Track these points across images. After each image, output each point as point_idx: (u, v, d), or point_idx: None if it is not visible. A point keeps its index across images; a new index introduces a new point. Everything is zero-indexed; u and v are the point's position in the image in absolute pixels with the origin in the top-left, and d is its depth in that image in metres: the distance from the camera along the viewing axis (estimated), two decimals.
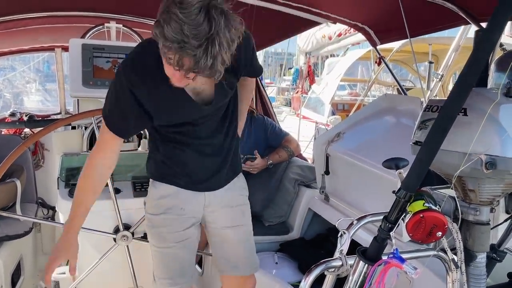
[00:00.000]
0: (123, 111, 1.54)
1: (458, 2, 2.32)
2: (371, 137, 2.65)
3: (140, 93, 1.49)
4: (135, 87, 1.48)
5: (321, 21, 3.10)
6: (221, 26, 1.18)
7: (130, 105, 1.51)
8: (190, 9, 1.14)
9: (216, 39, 1.17)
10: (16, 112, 3.71)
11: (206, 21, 1.15)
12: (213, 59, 1.19)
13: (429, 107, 1.34)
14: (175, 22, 1.15)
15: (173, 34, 1.15)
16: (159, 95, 1.50)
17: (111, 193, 2.03)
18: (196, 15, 1.14)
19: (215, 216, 1.85)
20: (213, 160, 1.75)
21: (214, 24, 1.16)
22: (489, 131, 1.12)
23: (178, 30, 1.15)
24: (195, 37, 1.15)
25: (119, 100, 1.53)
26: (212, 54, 1.18)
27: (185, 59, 1.19)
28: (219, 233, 1.89)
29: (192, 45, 1.15)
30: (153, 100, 1.52)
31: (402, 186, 1.05)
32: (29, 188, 3.08)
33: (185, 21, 1.14)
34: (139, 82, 1.48)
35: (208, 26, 1.15)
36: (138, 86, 1.48)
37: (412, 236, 1.06)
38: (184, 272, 1.83)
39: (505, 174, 1.15)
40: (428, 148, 1.03)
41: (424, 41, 8.06)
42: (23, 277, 2.90)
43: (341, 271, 1.23)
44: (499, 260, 1.45)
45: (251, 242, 1.94)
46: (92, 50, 2.27)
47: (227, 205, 1.84)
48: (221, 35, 1.18)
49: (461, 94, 0.99)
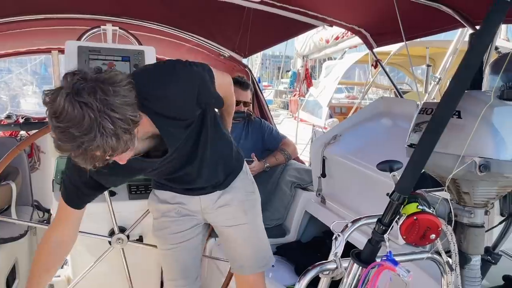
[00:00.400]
0: (76, 187, 1.53)
1: (454, 6, 2.32)
2: (368, 140, 2.66)
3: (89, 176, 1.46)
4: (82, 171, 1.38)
5: (318, 24, 3.10)
6: (99, 102, 1.10)
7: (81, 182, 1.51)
8: (64, 112, 1.09)
9: (104, 118, 1.11)
10: (12, 115, 3.68)
11: (82, 111, 1.09)
12: (114, 135, 1.13)
13: (424, 110, 1.34)
14: (62, 133, 1.11)
15: (69, 143, 1.11)
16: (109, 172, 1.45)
17: (106, 195, 2.02)
18: (72, 113, 1.08)
19: (213, 216, 1.87)
20: (204, 174, 1.72)
21: (91, 108, 1.09)
22: (482, 133, 1.13)
23: (69, 137, 1.10)
24: (86, 131, 1.09)
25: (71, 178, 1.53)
26: (110, 133, 1.12)
27: (94, 153, 1.14)
28: (223, 232, 1.92)
29: (88, 139, 1.10)
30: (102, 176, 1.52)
31: (396, 189, 1.05)
32: (24, 190, 3.07)
33: (68, 125, 1.09)
34: None
35: (87, 113, 1.09)
36: None
37: (405, 238, 1.06)
38: (186, 274, 1.87)
39: (499, 176, 1.15)
40: (421, 150, 1.03)
41: (422, 44, 8.08)
42: (18, 280, 2.88)
43: (336, 274, 1.23)
44: (493, 263, 1.45)
45: (259, 240, 1.91)
46: (88, 53, 2.26)
47: (225, 205, 1.84)
48: (105, 110, 1.11)
49: (454, 97, 0.99)
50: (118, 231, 2.08)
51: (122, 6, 2.98)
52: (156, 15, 3.25)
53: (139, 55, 2.34)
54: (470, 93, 1.30)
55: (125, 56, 2.31)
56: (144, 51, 2.36)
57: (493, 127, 1.11)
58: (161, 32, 3.47)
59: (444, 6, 2.33)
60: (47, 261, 1.58)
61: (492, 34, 0.96)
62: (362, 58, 9.44)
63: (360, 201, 2.41)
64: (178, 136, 1.52)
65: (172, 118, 1.43)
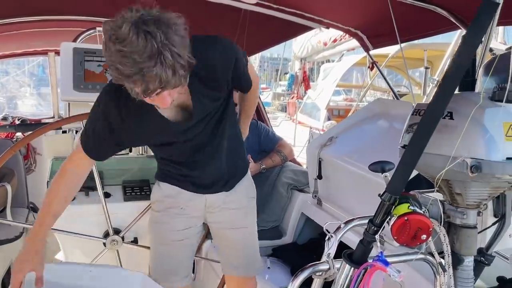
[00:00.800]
0: (98, 136, 1.55)
1: (449, 7, 2.33)
2: (364, 141, 2.66)
3: (118, 120, 1.51)
4: (111, 115, 1.50)
5: (314, 26, 3.11)
6: (163, 35, 1.17)
7: (104, 132, 1.53)
8: (128, 38, 1.15)
9: (165, 49, 1.17)
10: (8, 116, 3.70)
11: (147, 40, 1.15)
12: (172, 66, 1.20)
13: (417, 111, 1.34)
14: (125, 57, 1.16)
15: (130, 68, 1.17)
16: (134, 124, 1.52)
17: (100, 197, 2.02)
18: (136, 40, 1.15)
19: (216, 216, 1.88)
20: (214, 167, 1.75)
21: (155, 38, 1.16)
22: (474, 134, 1.13)
23: (131, 62, 1.16)
24: (147, 58, 1.16)
25: (96, 124, 1.55)
26: (168, 63, 1.18)
27: (150, 82, 1.20)
28: (220, 233, 1.92)
29: (148, 67, 1.17)
30: (127, 129, 1.54)
31: (387, 189, 1.05)
32: (20, 192, 3.06)
33: (132, 50, 1.15)
34: (116, 110, 1.50)
35: (151, 42, 1.15)
36: (115, 114, 1.50)
37: (397, 239, 1.06)
38: (177, 271, 1.85)
39: (491, 177, 1.15)
40: (412, 151, 1.03)
41: (420, 47, 8.11)
42: None
43: (328, 275, 1.23)
44: (487, 264, 1.44)
45: (254, 245, 1.95)
46: (83, 54, 2.26)
47: (229, 207, 1.86)
48: (167, 43, 1.18)
49: (444, 97, 0.99)
50: (113, 232, 2.07)
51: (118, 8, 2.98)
52: None
53: None
54: (462, 94, 1.30)
55: None
56: None
57: (484, 127, 1.11)
58: None
59: (439, 8, 2.34)
60: (67, 187, 1.59)
61: (481, 35, 0.97)
62: (360, 60, 9.47)
63: (356, 203, 2.41)
64: (205, 106, 1.58)
65: (205, 84, 1.51)
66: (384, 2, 2.33)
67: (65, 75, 2.23)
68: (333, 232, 1.25)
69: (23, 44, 3.81)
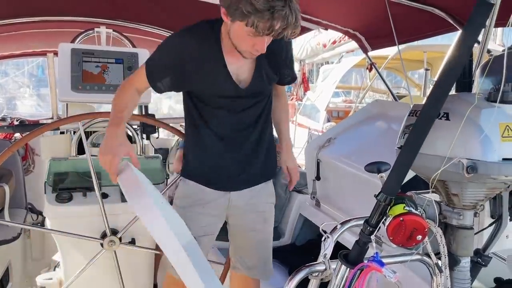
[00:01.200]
0: (165, 65, 1.64)
1: (446, 9, 2.34)
2: (362, 143, 2.66)
3: (189, 58, 1.61)
4: (185, 51, 1.61)
5: (313, 27, 3.11)
6: None
7: (174, 64, 1.63)
8: None
9: (294, 4, 1.39)
10: (7, 117, 3.69)
11: None
12: (295, 13, 1.39)
13: (413, 112, 1.34)
14: None
15: (263, 4, 1.35)
16: (204, 65, 1.63)
17: (98, 197, 2.01)
18: None
19: (237, 219, 1.90)
20: (243, 153, 1.80)
21: None
22: (470, 135, 1.13)
23: None
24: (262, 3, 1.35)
25: (167, 54, 1.64)
26: (294, 9, 1.38)
27: (276, 21, 1.38)
28: (238, 235, 1.94)
29: (279, 6, 1.35)
30: (197, 68, 1.63)
31: (383, 190, 1.05)
32: (18, 193, 3.06)
33: None
34: (191, 48, 1.61)
35: None
36: (189, 51, 1.61)
37: (392, 239, 1.06)
38: None
39: (486, 178, 1.15)
40: (407, 151, 1.03)
41: (419, 48, 8.12)
42: (11, 283, 2.86)
43: (325, 275, 1.23)
44: (484, 265, 1.44)
45: (269, 250, 1.99)
46: (81, 55, 2.26)
47: (250, 210, 1.88)
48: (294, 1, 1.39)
49: (439, 98, 0.99)
50: (110, 233, 2.06)
51: (116, 9, 2.99)
52: (150, 18, 3.25)
53: (132, 57, 2.34)
54: (458, 95, 1.30)
55: (119, 58, 2.31)
56: (137, 54, 2.36)
57: (480, 128, 1.11)
58: (155, 34, 3.48)
59: (437, 9, 2.34)
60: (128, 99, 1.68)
61: (476, 35, 0.97)
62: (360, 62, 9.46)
63: (354, 204, 2.41)
64: (262, 82, 1.72)
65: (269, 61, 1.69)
66: (382, 3, 2.34)
67: (63, 75, 2.23)
68: (330, 232, 1.25)
69: (22, 45, 3.81)
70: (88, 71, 2.26)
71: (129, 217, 2.09)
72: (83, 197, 2.13)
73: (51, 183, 2.17)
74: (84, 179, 2.20)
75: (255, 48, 1.52)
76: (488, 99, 1.19)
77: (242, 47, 1.54)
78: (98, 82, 2.25)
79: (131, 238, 2.15)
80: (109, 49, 2.39)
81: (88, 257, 2.08)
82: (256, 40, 1.48)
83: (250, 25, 1.41)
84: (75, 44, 2.51)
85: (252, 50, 1.53)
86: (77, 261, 2.10)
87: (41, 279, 2.36)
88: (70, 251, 2.14)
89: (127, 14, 3.13)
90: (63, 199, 2.10)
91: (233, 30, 1.51)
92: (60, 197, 2.10)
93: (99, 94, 2.25)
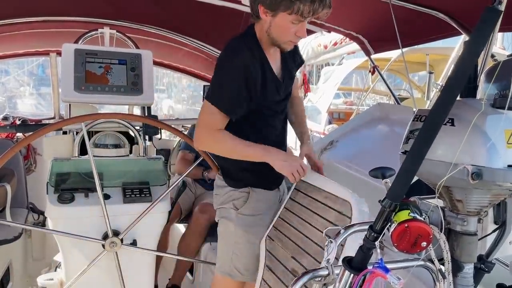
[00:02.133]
0: (237, 87, 1.67)
1: (451, 13, 2.34)
2: (364, 146, 2.66)
3: (253, 68, 1.67)
4: (249, 61, 1.66)
5: (316, 29, 3.11)
6: None
7: (244, 81, 1.66)
8: None
9: None
10: (9, 116, 3.68)
11: None
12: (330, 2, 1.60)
13: (418, 117, 1.34)
14: None
15: None
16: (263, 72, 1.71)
17: (100, 199, 2.01)
18: None
19: None
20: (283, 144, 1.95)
21: None
22: (475, 141, 1.13)
23: None
24: None
25: (232, 77, 1.67)
26: None
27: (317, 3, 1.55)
28: None
29: None
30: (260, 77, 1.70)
31: (387, 196, 1.05)
32: (20, 193, 3.06)
33: None
34: (252, 57, 1.68)
35: None
36: (252, 60, 1.67)
37: (397, 246, 1.05)
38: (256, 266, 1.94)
39: (492, 184, 1.15)
40: (413, 157, 1.03)
41: (421, 51, 8.12)
42: (12, 282, 2.86)
43: (328, 281, 1.22)
44: (487, 271, 1.44)
45: None
46: (85, 55, 2.25)
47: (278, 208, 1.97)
48: None
49: (446, 104, 0.99)
50: (112, 234, 2.06)
51: (120, 9, 2.99)
52: (154, 19, 3.25)
53: (136, 58, 2.33)
54: (463, 101, 1.30)
55: (122, 59, 2.31)
56: (141, 55, 2.35)
57: (486, 135, 1.11)
58: (158, 35, 3.48)
59: (441, 14, 2.35)
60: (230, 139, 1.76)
61: (484, 42, 0.96)
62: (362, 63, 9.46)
63: None
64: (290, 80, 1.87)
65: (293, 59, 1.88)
66: (386, 7, 2.34)
67: (66, 76, 2.23)
68: (333, 237, 1.25)
69: (25, 45, 3.81)
70: (91, 71, 2.25)
71: (131, 219, 2.09)
72: (85, 198, 2.13)
73: (53, 184, 2.16)
74: (86, 180, 2.20)
75: (297, 35, 1.65)
76: (493, 105, 1.19)
77: (284, 38, 1.66)
78: (101, 83, 2.25)
79: (133, 239, 2.15)
80: (112, 50, 2.39)
81: (89, 258, 2.08)
82: (298, 27, 1.62)
83: (295, 12, 1.55)
84: (78, 44, 2.50)
85: (293, 39, 1.66)
86: (79, 262, 2.10)
87: (42, 280, 2.35)
88: (71, 252, 2.14)
89: (131, 15, 3.13)
90: (65, 200, 2.09)
91: (274, 23, 1.63)
92: (62, 197, 2.09)
93: (102, 95, 2.24)
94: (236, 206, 1.91)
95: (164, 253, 2.61)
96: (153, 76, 2.42)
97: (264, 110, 1.80)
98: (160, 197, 2.13)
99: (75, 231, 2.03)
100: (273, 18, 1.62)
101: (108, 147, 2.34)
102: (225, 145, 1.74)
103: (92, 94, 2.23)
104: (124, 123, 2.35)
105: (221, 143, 1.74)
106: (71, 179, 2.25)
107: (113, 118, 2.32)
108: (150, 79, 2.34)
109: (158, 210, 2.18)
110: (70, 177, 2.26)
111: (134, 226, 2.09)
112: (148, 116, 2.57)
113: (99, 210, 2.02)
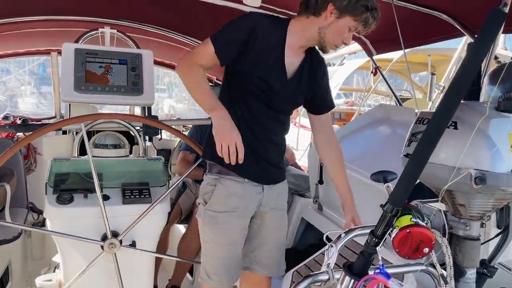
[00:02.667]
0: (237, 35, 1.70)
1: (454, 14, 2.32)
2: (366, 147, 2.64)
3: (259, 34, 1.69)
4: (259, 27, 1.69)
5: None
6: None
7: (243, 38, 1.69)
8: None
9: None
10: (10, 115, 3.68)
11: None
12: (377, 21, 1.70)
13: (420, 120, 1.32)
14: None
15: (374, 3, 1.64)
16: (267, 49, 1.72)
17: (99, 199, 2.00)
18: None
19: (267, 218, 1.92)
20: (276, 146, 1.89)
21: None
22: (479, 145, 1.11)
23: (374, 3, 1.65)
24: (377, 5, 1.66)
25: (236, 28, 1.71)
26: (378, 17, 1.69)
27: (376, 19, 1.67)
28: (259, 234, 1.93)
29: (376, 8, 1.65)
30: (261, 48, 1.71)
31: (389, 201, 1.03)
32: (19, 192, 3.05)
33: None
34: (267, 27, 1.71)
35: None
36: (266, 28, 1.71)
37: (398, 252, 1.04)
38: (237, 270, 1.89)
39: (495, 189, 1.13)
40: (415, 161, 1.01)
41: (423, 51, 8.11)
42: (11, 282, 2.86)
43: (328, 285, 1.21)
44: (489, 276, 1.42)
45: (283, 246, 2.04)
46: (85, 55, 2.24)
47: (277, 208, 1.94)
48: None
49: (449, 108, 0.97)
50: (111, 235, 2.05)
51: (121, 9, 2.97)
52: (155, 19, 3.24)
53: (136, 58, 2.32)
54: (467, 103, 1.28)
55: (122, 59, 2.29)
56: (141, 55, 2.34)
57: (490, 139, 1.10)
58: (159, 35, 3.46)
59: (444, 15, 2.33)
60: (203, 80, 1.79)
61: (489, 45, 0.95)
62: (364, 64, 9.45)
63: (358, 210, 2.38)
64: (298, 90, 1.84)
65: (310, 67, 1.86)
66: (389, 7, 2.32)
67: (66, 75, 2.21)
68: (333, 241, 1.23)
69: (26, 44, 3.80)
70: (91, 71, 2.24)
71: (130, 220, 2.08)
72: (84, 199, 2.12)
73: (52, 184, 2.15)
74: (86, 181, 2.18)
75: (344, 42, 1.74)
76: (497, 109, 1.17)
77: (333, 41, 1.72)
78: (101, 82, 2.23)
79: (132, 240, 2.13)
80: (113, 49, 2.37)
81: (88, 259, 2.06)
82: (348, 35, 1.71)
83: (361, 20, 1.65)
84: (79, 44, 2.49)
85: (339, 44, 1.73)
86: (77, 263, 2.08)
87: (40, 281, 2.34)
88: (70, 253, 2.13)
89: (132, 15, 3.11)
90: (64, 201, 2.08)
91: (334, 25, 1.67)
92: (61, 198, 2.08)
93: (102, 94, 2.23)
94: (205, 200, 1.84)
95: (163, 255, 2.60)
96: (154, 76, 2.40)
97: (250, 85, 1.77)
98: (160, 198, 2.12)
99: (74, 232, 2.02)
100: (337, 19, 1.66)
101: (108, 148, 2.32)
102: (191, 78, 1.73)
103: (92, 94, 2.21)
104: (124, 123, 2.34)
105: (191, 74, 1.73)
106: (70, 180, 2.24)
107: (113, 119, 2.31)
108: (150, 79, 2.32)
109: (158, 211, 2.17)
110: (69, 178, 2.25)
111: (133, 227, 2.08)
112: (148, 116, 2.56)
113: (98, 211, 2.01)
